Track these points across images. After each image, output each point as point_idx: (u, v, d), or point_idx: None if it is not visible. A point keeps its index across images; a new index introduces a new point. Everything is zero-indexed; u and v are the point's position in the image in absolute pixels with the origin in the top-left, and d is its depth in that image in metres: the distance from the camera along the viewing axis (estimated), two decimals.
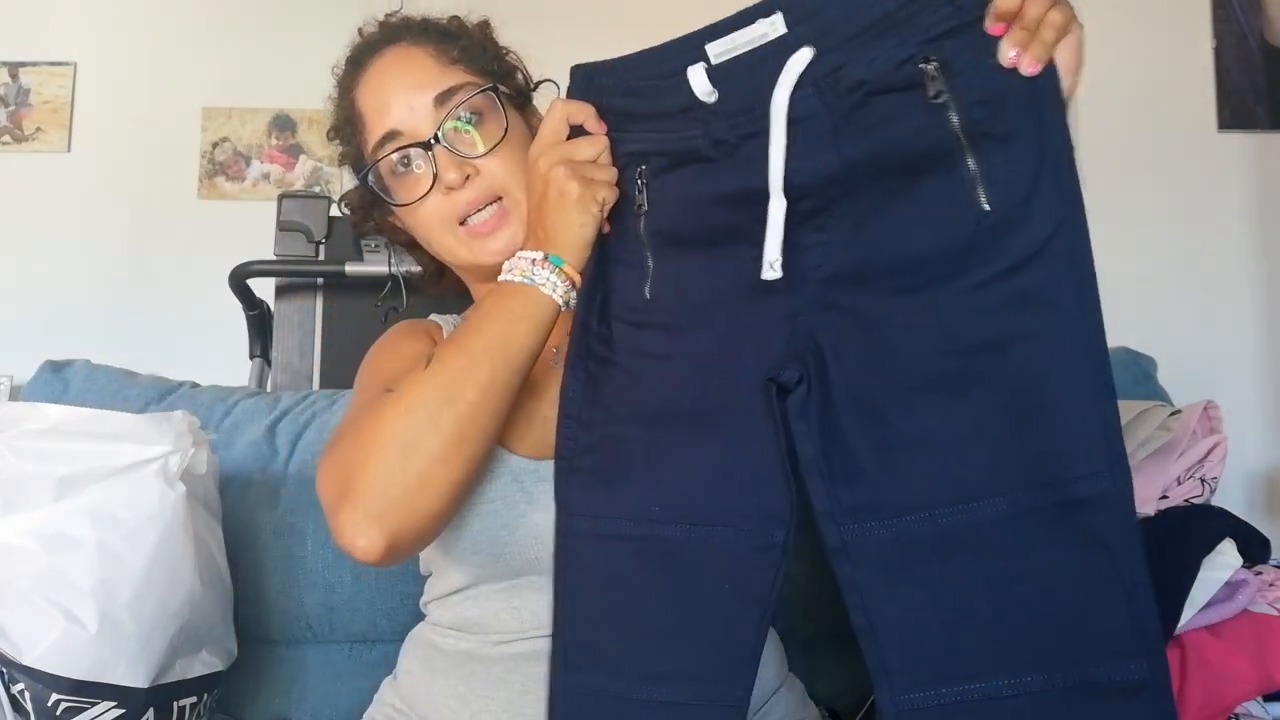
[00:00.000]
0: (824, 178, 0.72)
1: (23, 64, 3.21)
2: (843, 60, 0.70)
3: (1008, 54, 0.66)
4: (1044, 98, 0.67)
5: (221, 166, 3.23)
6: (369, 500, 0.73)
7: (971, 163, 0.68)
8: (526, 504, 0.85)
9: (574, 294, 0.82)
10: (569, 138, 0.82)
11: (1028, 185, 0.67)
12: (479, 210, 0.90)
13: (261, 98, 3.18)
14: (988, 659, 0.66)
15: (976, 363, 0.68)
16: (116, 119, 3.20)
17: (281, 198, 1.93)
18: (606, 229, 0.81)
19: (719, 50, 0.73)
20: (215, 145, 3.23)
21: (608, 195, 0.80)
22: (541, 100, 0.99)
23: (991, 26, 0.67)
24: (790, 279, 0.73)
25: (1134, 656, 0.64)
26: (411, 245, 1.04)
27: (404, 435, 0.74)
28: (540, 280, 0.79)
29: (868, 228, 0.71)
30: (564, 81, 0.95)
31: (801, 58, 0.70)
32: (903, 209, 0.70)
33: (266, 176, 3.23)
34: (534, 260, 0.80)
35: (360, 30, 0.98)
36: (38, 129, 3.19)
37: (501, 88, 0.93)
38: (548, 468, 0.86)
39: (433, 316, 1.02)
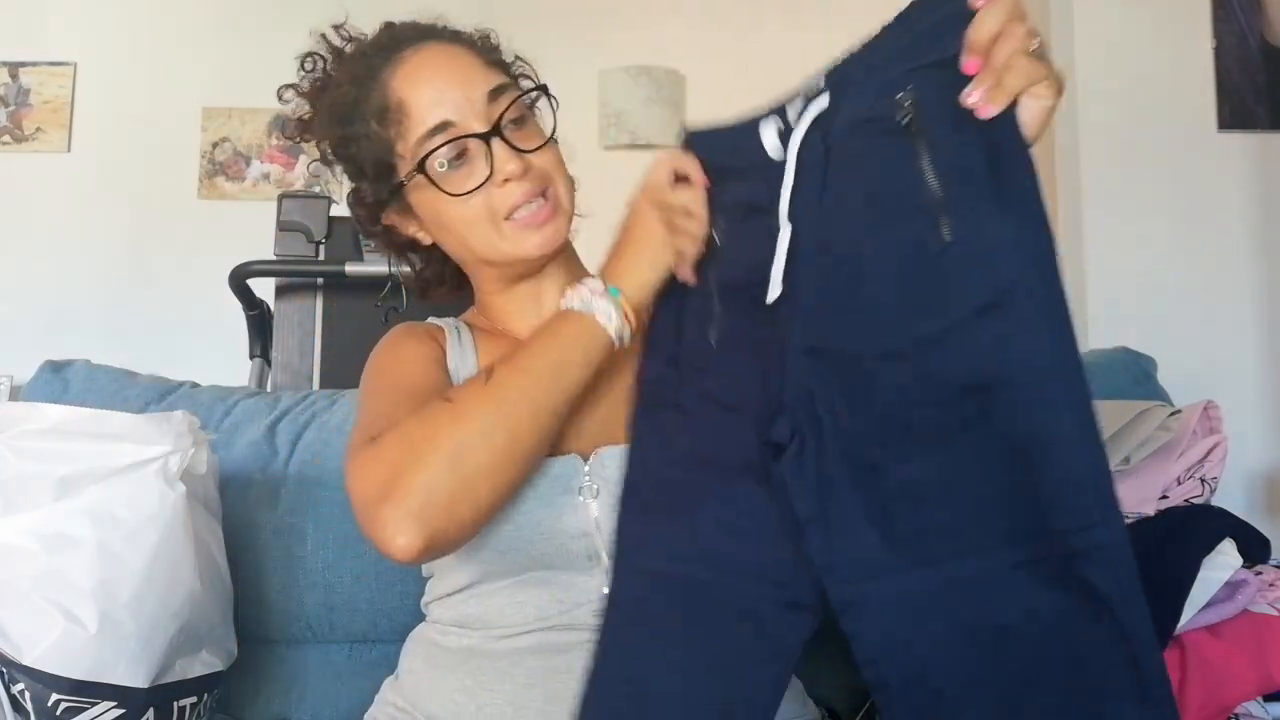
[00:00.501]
0: (815, 216, 0.74)
1: (23, 64, 3.22)
2: (844, 101, 0.73)
3: (969, 95, 0.66)
4: (1005, 139, 0.67)
5: (221, 166, 3.23)
6: (413, 500, 0.75)
7: (936, 192, 0.68)
8: (534, 502, 0.85)
9: (628, 331, 0.83)
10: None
11: (992, 223, 0.66)
12: (529, 203, 0.90)
13: (261, 98, 3.18)
14: (1003, 714, 0.66)
15: (961, 408, 0.66)
16: (116, 119, 3.20)
17: (281, 198, 1.93)
18: (691, 279, 0.83)
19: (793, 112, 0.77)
20: (215, 145, 3.24)
21: (689, 246, 0.81)
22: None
23: (966, 62, 0.67)
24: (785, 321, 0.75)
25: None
26: (409, 247, 1.01)
27: (457, 444, 0.77)
28: (598, 310, 0.81)
29: (849, 268, 0.72)
30: (561, 85, 0.97)
31: (819, 104, 0.74)
32: (876, 247, 0.71)
33: (266, 176, 3.24)
34: (595, 290, 0.82)
35: (390, 23, 0.97)
36: (38, 129, 3.19)
37: (545, 92, 0.95)
38: (552, 465, 0.86)
39: (431, 320, 1.02)
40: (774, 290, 0.75)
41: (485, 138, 0.88)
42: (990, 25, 0.65)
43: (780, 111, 0.77)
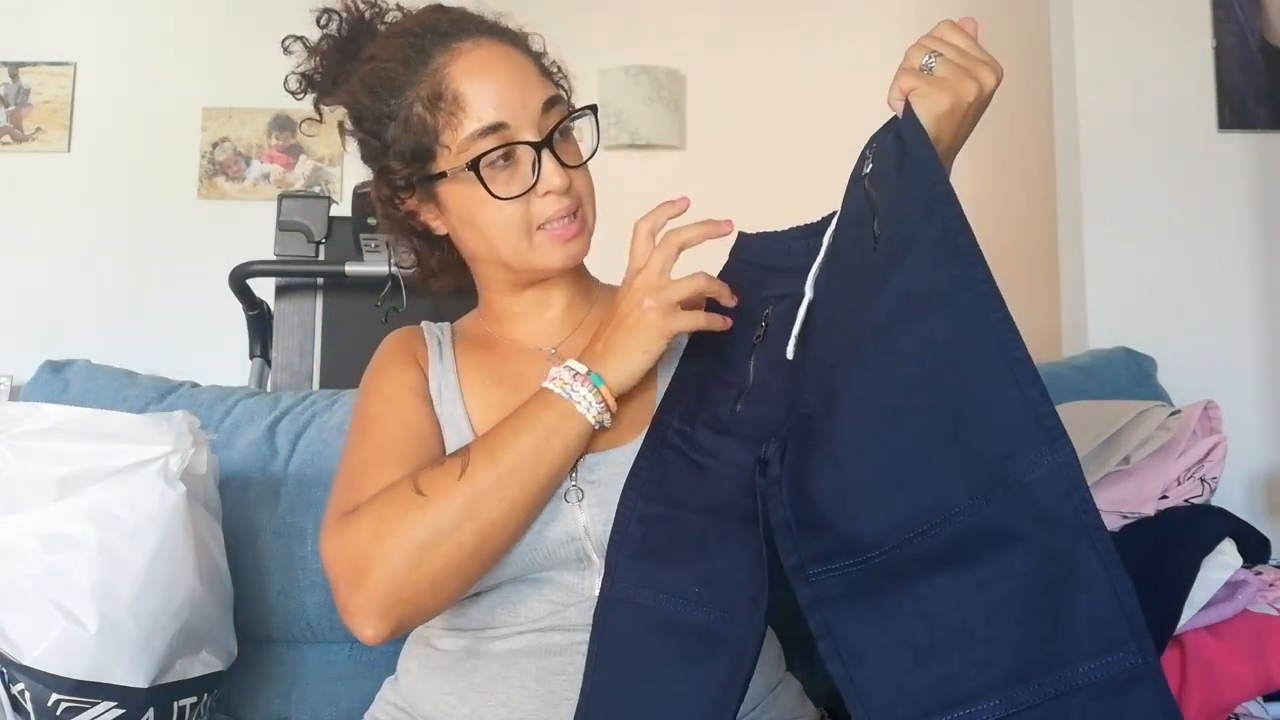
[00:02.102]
0: (827, 282, 0.80)
1: (23, 64, 3.22)
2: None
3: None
4: (908, 138, 0.74)
5: (221, 166, 3.23)
6: (379, 595, 0.77)
7: (872, 198, 0.76)
8: None
9: (609, 417, 0.83)
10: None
11: (910, 210, 0.72)
12: (562, 218, 0.90)
13: (261, 98, 3.19)
14: (972, 679, 0.64)
15: (900, 379, 0.69)
16: (116, 119, 3.20)
17: (281, 198, 1.93)
18: (723, 325, 0.87)
19: None
20: (215, 145, 3.24)
21: (684, 325, 0.84)
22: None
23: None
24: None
25: (1120, 646, 0.61)
26: (420, 234, 0.99)
27: (423, 543, 0.77)
28: (578, 398, 0.82)
29: (843, 305, 0.77)
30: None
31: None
32: (849, 277, 0.77)
33: (266, 176, 3.24)
34: (577, 374, 0.83)
35: (441, 5, 0.96)
36: (38, 129, 3.19)
37: (592, 108, 0.95)
38: None
39: (423, 325, 1.01)
40: (791, 347, 0.80)
41: (536, 147, 0.88)
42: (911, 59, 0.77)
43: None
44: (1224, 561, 0.97)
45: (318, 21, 0.98)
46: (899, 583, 0.67)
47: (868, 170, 0.78)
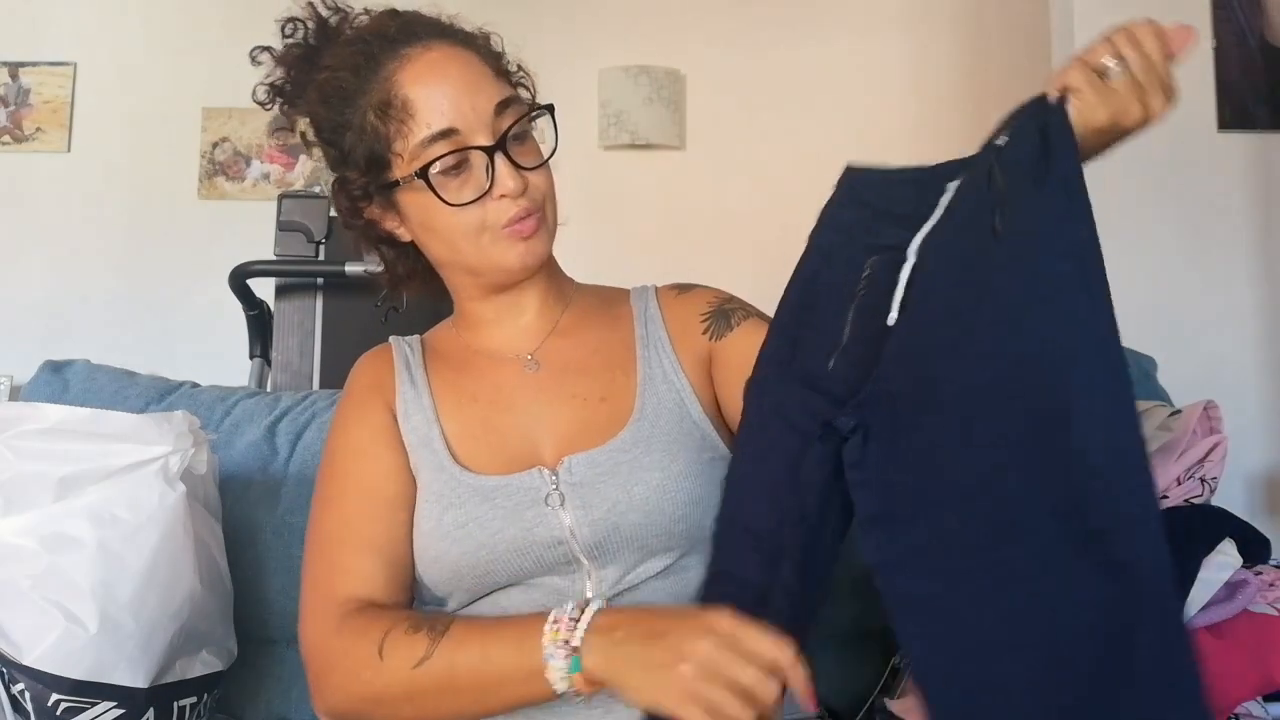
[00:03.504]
0: (933, 254, 0.78)
1: (23, 64, 3.21)
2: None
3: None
4: (1056, 143, 0.70)
5: (221, 166, 3.23)
6: (331, 710, 0.83)
7: (998, 182, 0.71)
8: (501, 520, 0.85)
9: (578, 699, 0.77)
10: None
11: (1044, 226, 0.69)
12: (522, 220, 0.89)
13: None
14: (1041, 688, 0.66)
15: (1009, 389, 0.69)
16: (116, 119, 3.20)
17: (281, 198, 1.93)
18: None
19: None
20: (215, 145, 3.24)
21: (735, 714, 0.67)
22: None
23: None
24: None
25: (1168, 686, 0.63)
26: (385, 241, 0.98)
27: (367, 699, 0.81)
28: (553, 664, 0.74)
29: (949, 283, 0.75)
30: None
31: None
32: (960, 256, 0.74)
33: (266, 176, 3.23)
34: (567, 640, 0.74)
35: (395, 11, 0.93)
36: (38, 129, 3.19)
37: (547, 110, 0.94)
38: (518, 482, 0.87)
39: (391, 342, 1.00)
40: (893, 313, 0.77)
41: (489, 151, 0.87)
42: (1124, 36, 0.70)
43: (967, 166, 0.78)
44: (1224, 561, 0.97)
45: (282, 30, 0.96)
46: (979, 596, 0.68)
47: (1001, 143, 0.72)
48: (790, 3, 3.27)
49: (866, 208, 0.83)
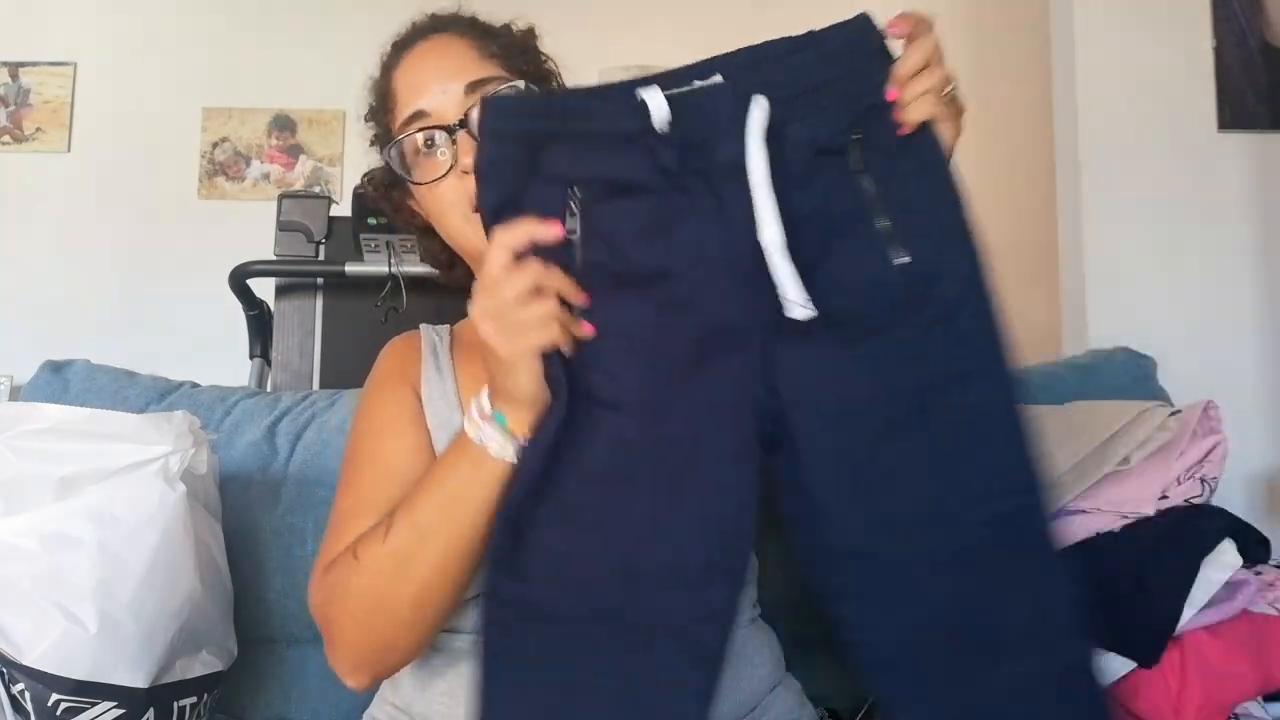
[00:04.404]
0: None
1: (23, 64, 3.22)
2: (786, 117, 0.73)
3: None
4: (931, 162, 0.75)
5: (221, 166, 3.23)
6: (347, 654, 0.81)
7: (883, 223, 0.73)
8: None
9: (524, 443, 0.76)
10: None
11: (934, 241, 0.74)
12: None
13: (261, 98, 3.19)
14: (979, 666, 0.72)
15: (920, 404, 0.73)
16: (116, 119, 3.20)
17: (281, 198, 1.92)
18: (585, 333, 0.73)
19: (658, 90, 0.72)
20: (215, 145, 3.24)
21: (543, 338, 0.72)
22: None
23: (888, 91, 0.73)
24: (744, 329, 0.73)
25: (1075, 637, 0.73)
26: (426, 231, 1.03)
27: (364, 608, 0.79)
28: (488, 440, 0.75)
29: (807, 282, 0.72)
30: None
31: (762, 105, 0.72)
32: (833, 264, 0.73)
33: (266, 176, 3.24)
34: (484, 415, 0.76)
35: (414, 21, 1.00)
36: (38, 129, 3.19)
37: (531, 86, 0.94)
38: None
39: (421, 329, 1.02)
40: (803, 309, 0.71)
41: (450, 130, 0.89)
42: (913, 62, 0.73)
43: (663, 84, 0.72)
44: (1224, 561, 0.97)
45: (365, 118, 1.03)
46: (911, 585, 0.73)
47: (855, 168, 0.74)
48: (790, 2, 3.27)
49: (526, 139, 0.74)
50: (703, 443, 0.73)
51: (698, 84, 0.73)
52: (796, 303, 0.71)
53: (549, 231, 0.72)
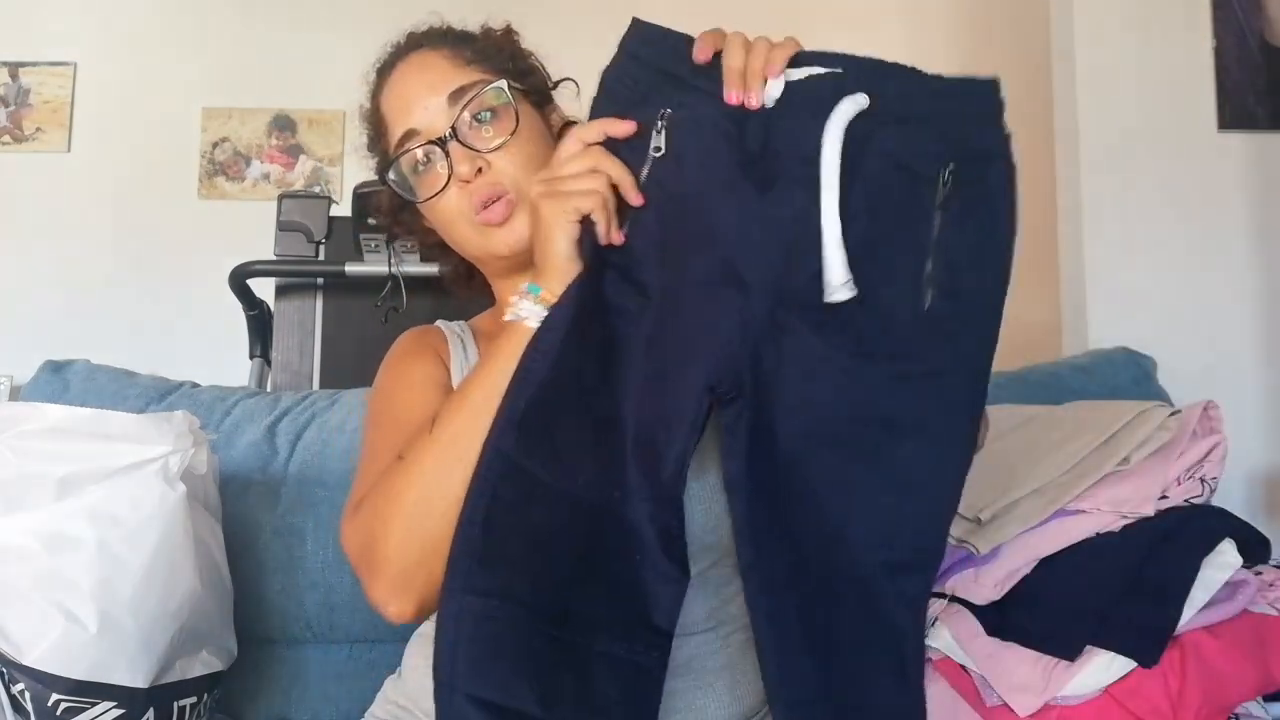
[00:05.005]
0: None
1: (23, 64, 3.22)
2: (880, 128, 0.75)
3: (730, 95, 0.76)
4: (997, 238, 0.76)
5: (221, 166, 3.23)
6: (390, 569, 0.76)
7: (928, 265, 0.75)
8: None
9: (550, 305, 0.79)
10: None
11: (959, 309, 0.75)
12: (492, 204, 0.90)
13: (261, 98, 3.19)
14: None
15: (874, 436, 0.75)
16: (116, 119, 3.20)
17: (281, 198, 1.93)
18: (617, 239, 0.78)
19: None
20: (215, 145, 3.24)
21: (585, 204, 0.76)
22: (563, 99, 1.01)
23: (727, 95, 0.76)
24: (761, 291, 0.75)
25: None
26: (443, 246, 1.02)
27: (414, 502, 0.76)
28: (525, 314, 0.78)
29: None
30: (585, 81, 0.95)
31: (857, 101, 0.74)
32: (864, 271, 0.74)
33: (266, 176, 3.23)
34: (521, 294, 0.79)
35: (392, 43, 1.00)
36: (38, 129, 3.19)
37: (514, 83, 0.94)
38: None
39: (439, 323, 1.02)
40: (845, 291, 0.74)
41: (440, 143, 0.90)
42: (734, 60, 0.78)
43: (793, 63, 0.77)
44: (1224, 561, 0.97)
45: (368, 148, 1.03)
46: (798, 594, 0.75)
47: (939, 196, 0.76)
48: (791, 4, 3.27)
49: (651, 67, 0.81)
50: (672, 372, 0.76)
51: (819, 70, 0.76)
52: (838, 284, 0.74)
53: (622, 126, 0.78)
